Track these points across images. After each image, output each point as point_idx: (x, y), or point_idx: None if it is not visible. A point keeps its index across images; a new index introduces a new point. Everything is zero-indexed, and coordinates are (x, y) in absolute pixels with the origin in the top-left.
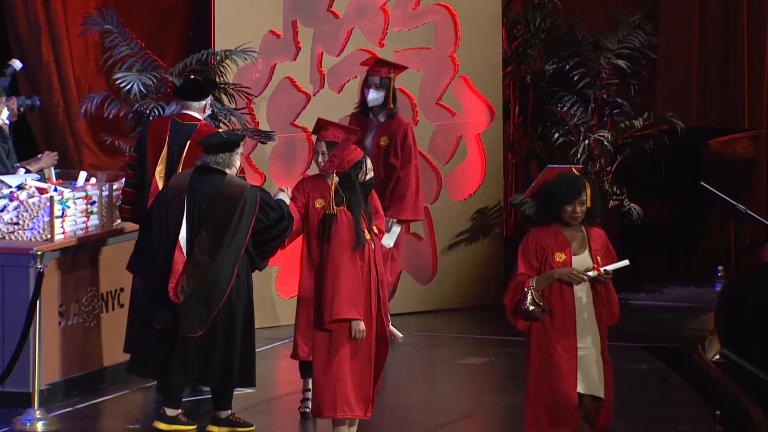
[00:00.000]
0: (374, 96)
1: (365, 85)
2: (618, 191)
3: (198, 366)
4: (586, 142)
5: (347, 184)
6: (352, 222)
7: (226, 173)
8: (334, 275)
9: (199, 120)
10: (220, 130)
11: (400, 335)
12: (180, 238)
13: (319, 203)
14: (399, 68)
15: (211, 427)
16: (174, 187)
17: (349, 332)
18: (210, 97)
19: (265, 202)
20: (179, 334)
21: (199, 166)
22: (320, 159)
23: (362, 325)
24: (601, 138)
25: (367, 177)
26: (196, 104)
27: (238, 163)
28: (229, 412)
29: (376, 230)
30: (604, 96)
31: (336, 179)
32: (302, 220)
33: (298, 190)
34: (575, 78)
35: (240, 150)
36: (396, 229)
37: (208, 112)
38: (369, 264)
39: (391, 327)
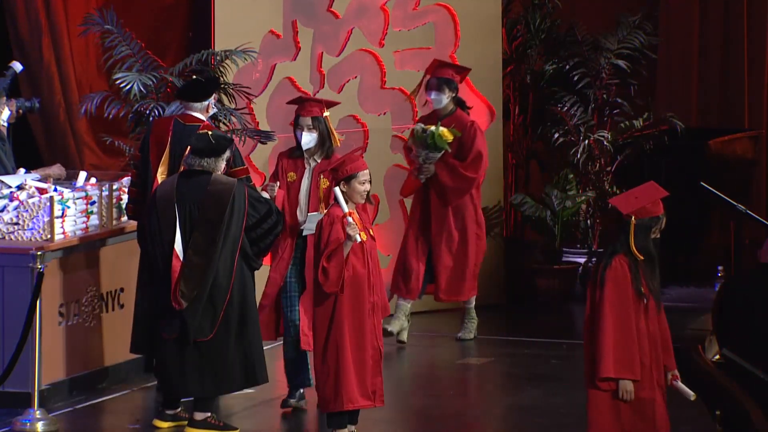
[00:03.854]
0: (308, 138)
1: (296, 127)
2: (618, 191)
3: (213, 373)
4: (586, 142)
5: (640, 231)
6: (633, 271)
7: (211, 173)
8: (603, 327)
9: (201, 121)
10: (210, 133)
11: (692, 393)
12: (175, 245)
13: None
14: (332, 105)
15: (188, 429)
16: (162, 196)
17: (617, 392)
18: (213, 97)
19: (252, 196)
20: (189, 340)
21: (184, 171)
22: None
23: (630, 386)
24: (601, 138)
25: (657, 235)
26: (198, 104)
27: (222, 167)
28: (208, 414)
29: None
30: (604, 96)
31: (633, 223)
32: None
33: None
34: (575, 78)
35: (226, 155)
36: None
37: (212, 111)
38: (647, 321)
39: (678, 383)
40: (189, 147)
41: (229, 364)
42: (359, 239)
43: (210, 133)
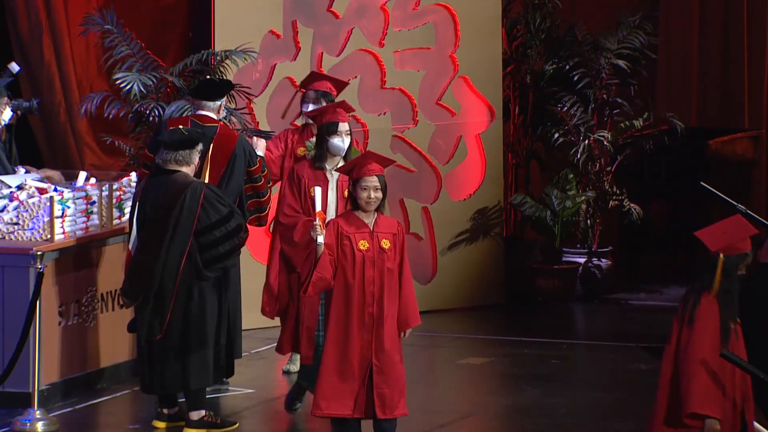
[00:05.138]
0: (347, 144)
1: (333, 135)
2: (618, 191)
3: (171, 371)
4: (586, 142)
5: (728, 271)
6: (721, 313)
7: (175, 172)
8: (694, 365)
9: (217, 122)
10: (181, 127)
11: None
12: (129, 244)
13: None
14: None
15: (186, 430)
16: (135, 194)
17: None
18: (225, 98)
19: (208, 199)
20: (141, 338)
21: (155, 169)
22: None
23: (717, 425)
24: (601, 138)
25: (743, 272)
26: (211, 104)
27: (196, 160)
28: (203, 412)
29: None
30: (604, 96)
31: (722, 260)
32: None
33: None
34: (575, 78)
35: (200, 147)
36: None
37: (223, 113)
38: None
39: (756, 424)
40: (162, 144)
41: (171, 365)
42: (319, 241)
43: (181, 126)
